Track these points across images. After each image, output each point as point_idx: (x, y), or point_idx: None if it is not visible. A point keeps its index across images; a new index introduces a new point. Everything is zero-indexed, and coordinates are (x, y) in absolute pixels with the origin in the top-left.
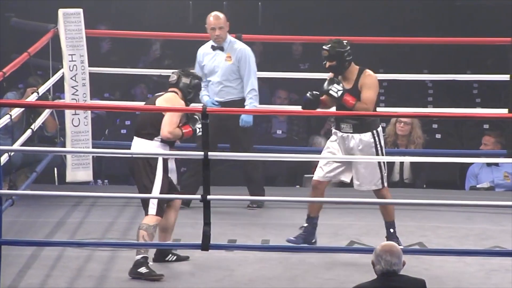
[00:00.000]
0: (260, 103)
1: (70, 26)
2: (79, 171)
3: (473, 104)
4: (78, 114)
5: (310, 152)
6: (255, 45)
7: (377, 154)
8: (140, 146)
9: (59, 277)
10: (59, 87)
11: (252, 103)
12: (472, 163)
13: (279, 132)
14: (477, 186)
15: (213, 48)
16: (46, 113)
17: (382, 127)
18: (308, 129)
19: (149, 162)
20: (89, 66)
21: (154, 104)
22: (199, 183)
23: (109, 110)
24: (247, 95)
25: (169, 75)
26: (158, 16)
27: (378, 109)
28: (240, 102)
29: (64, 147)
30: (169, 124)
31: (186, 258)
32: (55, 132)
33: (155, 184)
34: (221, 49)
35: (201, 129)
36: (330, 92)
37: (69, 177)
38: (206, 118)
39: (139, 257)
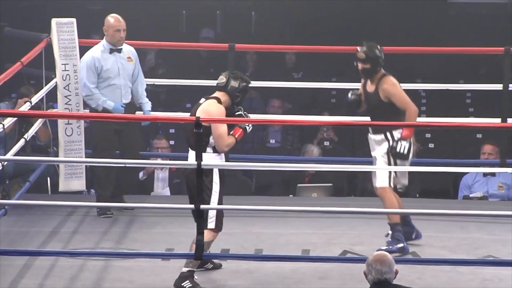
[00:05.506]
0: (254, 112)
1: (63, 35)
2: (72, 180)
3: (466, 114)
4: (71, 124)
5: (303, 161)
6: (249, 54)
7: (388, 155)
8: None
9: (52, 287)
10: (52, 97)
11: (148, 102)
12: (465, 173)
13: (272, 141)
14: (470, 195)
15: (111, 50)
16: (38, 122)
17: None
18: (301, 139)
19: (207, 174)
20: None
21: (195, 114)
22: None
23: (102, 120)
24: (143, 93)
25: (164, 85)
26: (152, 26)
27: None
28: (134, 103)
29: (57, 156)
30: (221, 138)
31: (219, 266)
32: (48, 141)
33: (212, 196)
34: (119, 51)
35: (249, 126)
36: (399, 150)
37: (62, 187)
38: (199, 127)
39: (185, 270)
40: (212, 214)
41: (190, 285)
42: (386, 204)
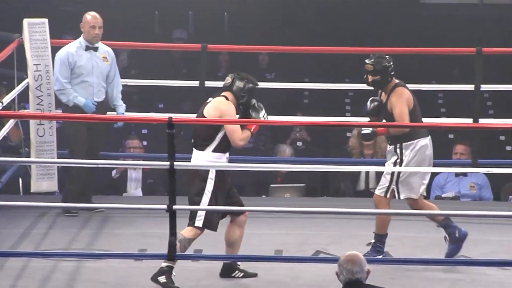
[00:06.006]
0: None
1: (35, 35)
2: (44, 181)
3: (438, 114)
4: (43, 124)
5: (276, 162)
6: (222, 54)
7: (395, 165)
8: (196, 158)
9: None
10: (24, 97)
11: (122, 105)
12: (437, 174)
13: None
14: (442, 195)
15: (87, 48)
16: (10, 123)
17: (348, 137)
18: (274, 139)
19: (200, 173)
20: None
21: (203, 112)
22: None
23: (74, 120)
24: (118, 95)
25: (136, 85)
26: (125, 26)
27: (342, 119)
28: (107, 102)
29: (29, 157)
30: (235, 132)
31: (253, 275)
32: (20, 142)
33: (204, 195)
34: (95, 49)
35: (265, 116)
36: (362, 132)
37: (34, 188)
38: (172, 128)
39: (165, 265)
40: (201, 213)
41: (165, 280)
42: (377, 213)
